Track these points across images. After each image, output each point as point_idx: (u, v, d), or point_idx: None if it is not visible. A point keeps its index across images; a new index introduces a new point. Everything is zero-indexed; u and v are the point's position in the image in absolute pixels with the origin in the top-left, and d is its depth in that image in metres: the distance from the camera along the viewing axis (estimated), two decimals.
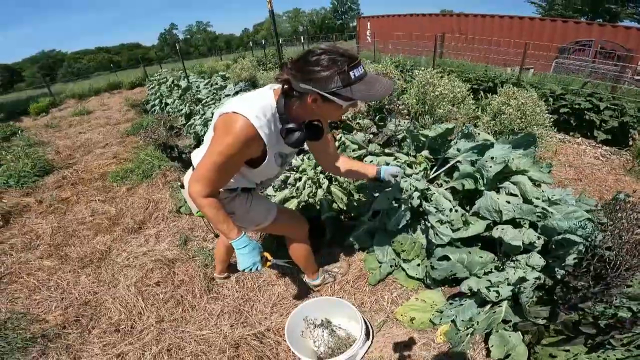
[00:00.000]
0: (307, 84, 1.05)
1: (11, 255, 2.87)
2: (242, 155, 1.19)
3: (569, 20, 9.95)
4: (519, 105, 2.76)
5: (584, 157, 3.78)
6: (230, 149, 1.13)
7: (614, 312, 1.38)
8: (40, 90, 15.90)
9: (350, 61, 1.03)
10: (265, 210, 1.61)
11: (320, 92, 1.05)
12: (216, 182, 1.22)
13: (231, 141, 1.12)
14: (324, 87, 1.04)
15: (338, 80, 1.02)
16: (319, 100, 1.08)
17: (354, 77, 1.03)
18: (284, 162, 1.42)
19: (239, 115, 1.11)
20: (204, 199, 1.22)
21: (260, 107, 1.15)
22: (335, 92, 1.04)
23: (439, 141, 2.32)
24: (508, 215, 1.88)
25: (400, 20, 13.90)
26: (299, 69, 1.06)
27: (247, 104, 1.14)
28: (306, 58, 1.05)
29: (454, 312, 1.72)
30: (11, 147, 6.11)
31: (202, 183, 1.20)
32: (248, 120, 1.10)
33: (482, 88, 5.63)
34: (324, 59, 1.02)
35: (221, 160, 1.15)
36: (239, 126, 1.10)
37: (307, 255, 1.93)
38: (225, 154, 1.14)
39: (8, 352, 1.90)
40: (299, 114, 1.20)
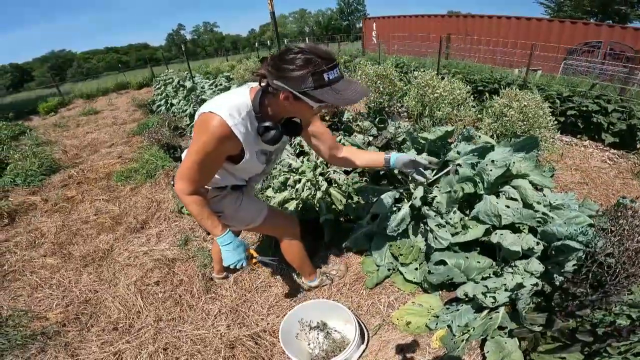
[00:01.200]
0: (280, 82, 1.05)
1: (15, 253, 2.92)
2: (219, 153, 1.21)
3: (577, 22, 9.80)
4: (522, 108, 2.73)
5: (590, 161, 3.72)
6: (206, 147, 1.15)
7: (613, 319, 1.35)
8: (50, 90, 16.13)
9: (326, 63, 1.02)
10: (256, 210, 1.62)
11: (292, 91, 1.05)
12: (198, 180, 1.25)
13: (207, 139, 1.14)
14: (296, 86, 1.04)
15: (311, 81, 1.02)
16: (291, 98, 1.08)
17: (327, 80, 1.03)
18: (269, 160, 1.43)
19: (214, 114, 1.13)
20: (188, 196, 1.26)
21: (235, 106, 1.16)
22: (306, 93, 1.04)
23: (438, 144, 2.30)
24: (507, 220, 1.86)
25: (406, 22, 13.83)
26: (274, 66, 1.06)
27: (222, 103, 1.16)
28: (283, 56, 1.04)
29: (450, 317, 1.71)
30: (19, 146, 6.21)
31: (185, 180, 1.24)
32: (222, 119, 1.12)
33: (487, 89, 5.57)
34: (300, 59, 1.01)
35: (199, 159, 1.18)
36: (213, 125, 1.12)
37: (300, 256, 1.93)
38: (202, 152, 1.16)
39: (7, 349, 1.92)
40: (274, 111, 1.21)
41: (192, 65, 10.94)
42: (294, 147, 3.10)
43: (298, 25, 64.76)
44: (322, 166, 2.64)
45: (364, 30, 16.03)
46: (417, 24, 13.25)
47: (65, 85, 19.67)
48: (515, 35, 10.11)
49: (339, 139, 2.80)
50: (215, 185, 1.48)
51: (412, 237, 2.12)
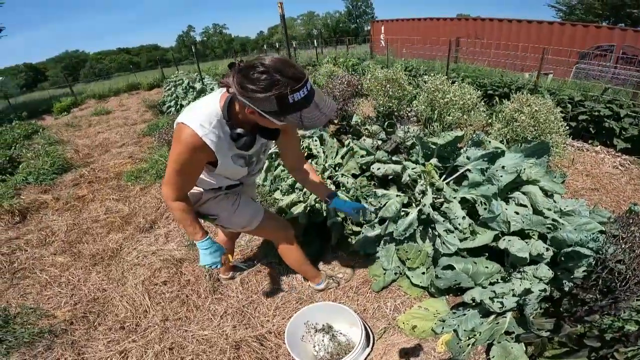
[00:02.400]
0: (244, 99, 1.02)
1: (26, 250, 2.96)
2: (194, 161, 1.24)
3: (589, 25, 9.68)
4: (533, 113, 2.70)
5: (602, 166, 3.66)
6: (180, 157, 1.20)
7: (621, 325, 1.34)
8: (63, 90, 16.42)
9: (292, 85, 0.97)
10: (251, 215, 1.64)
11: (256, 109, 1.03)
12: (181, 187, 1.31)
13: (180, 150, 1.18)
14: (260, 106, 1.01)
15: (274, 104, 0.99)
16: (257, 114, 1.06)
17: (291, 102, 0.99)
18: (249, 163, 1.44)
19: (185, 125, 1.14)
20: (173, 202, 1.33)
21: (205, 116, 1.16)
22: (270, 113, 1.02)
23: (448, 149, 2.30)
24: (516, 226, 1.85)
25: (415, 25, 13.78)
26: (239, 83, 1.01)
27: (192, 114, 1.16)
28: (247, 73, 0.99)
29: (456, 321, 1.70)
30: (32, 145, 6.33)
31: (169, 187, 1.30)
32: (192, 131, 1.13)
33: (497, 94, 5.53)
34: (264, 80, 0.97)
35: (177, 167, 1.23)
36: (184, 136, 1.15)
37: (298, 260, 1.93)
38: (178, 161, 1.21)
39: (14, 347, 1.95)
40: (245, 118, 1.18)
41: (201, 67, 11.06)
42: (302, 150, 3.11)
43: (306, 27, 64.96)
44: (331, 169, 2.65)
45: (372, 33, 16.02)
46: (426, 27, 13.21)
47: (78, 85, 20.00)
48: (526, 39, 10.02)
49: (347, 142, 2.81)
50: (209, 187, 1.50)
51: (420, 241, 2.11)
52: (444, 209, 2.02)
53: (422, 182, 2.12)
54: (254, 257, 2.54)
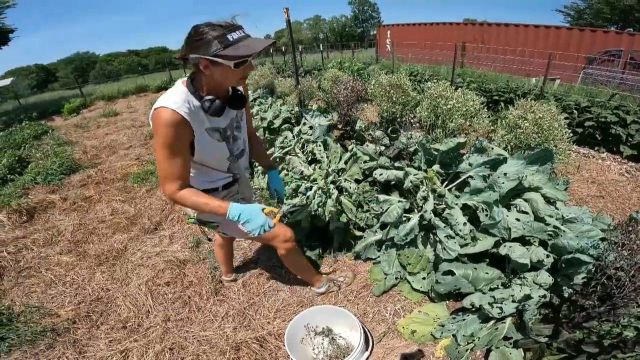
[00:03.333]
0: (195, 53, 1.19)
1: (32, 249, 3.02)
2: (180, 138, 1.27)
3: (597, 30, 9.60)
4: (536, 120, 2.69)
5: (607, 173, 3.63)
6: (164, 137, 1.24)
7: (620, 331, 1.35)
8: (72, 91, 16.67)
9: (227, 28, 1.17)
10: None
11: (206, 57, 1.18)
12: (177, 173, 1.32)
13: (161, 131, 1.23)
14: (207, 52, 1.17)
15: (217, 44, 1.15)
16: (209, 64, 1.20)
17: (232, 40, 1.16)
18: (226, 138, 1.47)
19: (158, 108, 1.23)
20: (179, 192, 1.33)
21: (174, 95, 1.27)
22: (217, 54, 1.16)
23: (450, 155, 2.31)
24: (517, 233, 1.85)
25: (421, 30, 13.77)
26: (187, 44, 1.20)
27: (162, 99, 1.26)
28: (189, 33, 1.20)
29: (455, 326, 1.70)
30: (41, 146, 6.43)
31: (167, 180, 1.32)
32: (166, 108, 1.22)
33: (503, 99, 5.51)
34: (205, 29, 1.17)
35: (165, 152, 1.26)
36: (162, 116, 1.22)
37: (299, 264, 1.94)
38: (164, 143, 1.25)
39: (16, 345, 1.98)
40: (208, 85, 1.30)
41: None
42: (306, 154, 3.13)
43: (312, 31, 65.19)
44: (334, 174, 2.66)
45: (378, 38, 16.03)
46: (432, 31, 13.19)
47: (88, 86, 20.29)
48: (534, 44, 9.97)
49: (350, 147, 2.83)
50: (206, 187, 1.52)
51: (421, 246, 2.12)
52: (446, 215, 2.03)
53: (424, 188, 2.13)
54: (256, 259, 2.56)
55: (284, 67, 11.33)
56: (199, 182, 1.50)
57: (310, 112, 4.00)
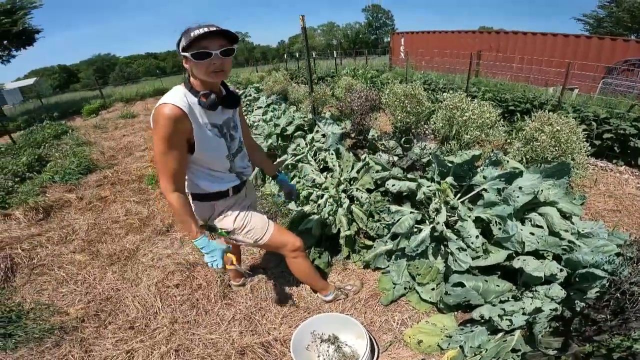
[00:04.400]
0: (179, 53, 1.35)
1: (46, 247, 3.09)
2: (177, 132, 1.33)
3: (617, 39, 9.38)
4: (554, 132, 2.63)
5: (625, 187, 3.53)
6: (163, 130, 1.29)
7: (630, 344, 1.32)
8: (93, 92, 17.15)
9: (196, 28, 1.29)
10: (262, 227, 1.68)
11: (182, 54, 1.32)
12: (173, 170, 1.36)
13: (161, 123, 1.29)
14: (181, 49, 1.32)
15: (184, 40, 1.30)
16: (188, 60, 1.32)
17: (193, 35, 1.26)
18: (223, 135, 1.51)
19: (159, 105, 1.31)
20: (172, 193, 1.38)
21: (171, 93, 1.37)
22: (183, 48, 1.30)
23: (464, 167, 2.28)
24: (531, 247, 1.83)
25: (436, 37, 13.69)
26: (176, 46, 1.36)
27: (163, 98, 1.35)
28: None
29: (463, 337, 1.67)
30: (61, 145, 6.62)
31: (164, 177, 1.37)
32: (166, 103, 1.30)
33: (519, 110, 5.42)
34: (184, 31, 1.32)
35: (163, 146, 1.31)
36: (161, 111, 1.29)
37: (307, 272, 1.94)
38: (162, 138, 1.30)
39: (23, 342, 2.01)
40: (195, 82, 1.40)
41: None
42: (318, 162, 3.14)
43: (326, 38, 65.54)
44: (346, 183, 2.66)
45: (392, 45, 16.01)
46: (446, 40, 13.11)
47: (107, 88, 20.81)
48: (551, 53, 9.81)
49: (363, 157, 2.83)
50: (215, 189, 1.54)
51: (432, 258, 2.10)
52: (458, 227, 2.01)
53: (436, 200, 2.11)
54: (265, 265, 2.57)
55: (298, 74, 11.42)
56: (209, 185, 1.52)
57: (324, 120, 4.01)
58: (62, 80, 55.33)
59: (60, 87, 48.57)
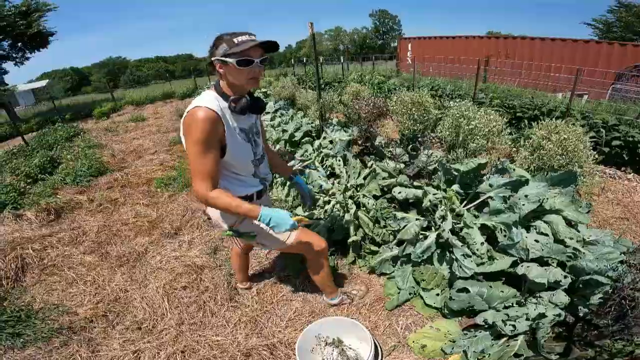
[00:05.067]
0: (212, 57, 1.38)
1: (57, 248, 3.15)
2: (213, 135, 1.36)
3: (627, 44, 9.29)
4: (561, 141, 2.63)
5: (633, 195, 3.50)
6: (199, 132, 1.33)
7: (633, 349, 1.33)
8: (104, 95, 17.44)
9: (236, 34, 1.35)
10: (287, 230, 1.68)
11: (218, 58, 1.36)
12: (210, 171, 1.39)
13: (197, 126, 1.32)
14: (220, 53, 1.36)
15: (225, 46, 1.34)
16: (222, 66, 1.38)
17: (237, 42, 1.33)
18: (249, 140, 1.56)
19: (194, 108, 1.35)
20: (211, 192, 1.40)
21: (203, 97, 1.41)
22: (226, 54, 1.34)
23: (470, 175, 2.30)
24: (535, 254, 1.84)
25: (443, 43, 13.68)
26: (209, 49, 1.40)
27: (195, 101, 1.39)
28: (213, 40, 1.39)
29: (466, 342, 1.68)
30: (72, 147, 6.74)
31: (200, 178, 1.38)
32: (201, 106, 1.34)
33: (527, 116, 5.39)
34: (219, 37, 1.37)
35: (199, 148, 1.34)
36: (197, 113, 1.33)
37: (325, 275, 1.97)
38: (198, 139, 1.33)
39: (31, 341, 2.05)
40: (227, 87, 1.44)
41: None
42: (325, 168, 3.17)
43: (333, 43, 65.72)
44: (352, 190, 2.68)
45: (399, 50, 16.05)
46: (454, 45, 13.10)
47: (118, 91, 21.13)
48: (560, 58, 9.75)
49: (370, 164, 2.85)
50: (241, 194, 1.56)
51: (437, 264, 2.12)
52: (463, 234, 2.02)
53: (442, 207, 2.13)
54: (272, 268, 2.60)
55: (305, 79, 11.50)
56: (236, 189, 1.55)
57: (331, 127, 4.05)
58: (73, 83, 56.14)
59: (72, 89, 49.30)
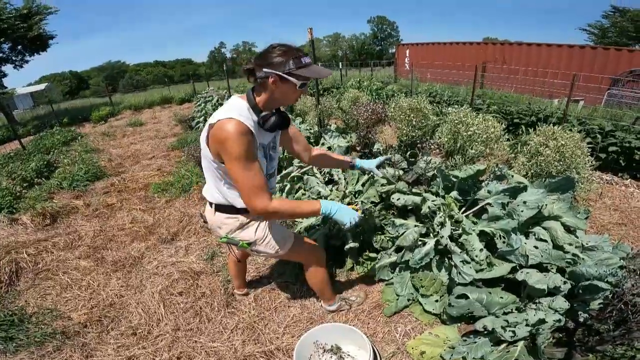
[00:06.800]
0: (268, 68, 1.28)
1: (52, 252, 3.11)
2: (250, 146, 1.31)
3: (622, 49, 9.36)
4: (558, 147, 2.64)
5: (630, 201, 3.51)
6: (239, 147, 1.27)
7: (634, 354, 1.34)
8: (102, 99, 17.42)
9: (300, 51, 1.31)
10: (283, 238, 1.68)
11: (279, 73, 1.27)
12: (261, 183, 1.35)
13: (235, 141, 1.26)
14: (281, 69, 1.27)
15: (292, 63, 1.27)
16: (278, 81, 1.30)
17: (304, 62, 1.29)
18: (265, 154, 1.53)
19: (226, 120, 1.28)
20: (271, 204, 1.36)
21: (236, 109, 1.34)
22: (290, 73, 1.28)
23: (469, 182, 2.30)
24: (534, 260, 1.84)
25: (441, 49, 13.77)
26: (261, 59, 1.31)
27: (223, 112, 1.32)
28: (267, 50, 1.31)
29: (465, 349, 1.67)
30: (69, 151, 6.72)
31: (254, 194, 1.33)
32: (235, 120, 1.27)
33: (524, 122, 5.41)
34: (281, 49, 1.29)
35: (244, 162, 1.29)
36: (230, 127, 1.26)
37: (323, 282, 1.96)
38: (240, 153, 1.28)
39: (24, 345, 2.02)
40: (264, 102, 1.38)
41: (230, 83, 11.46)
42: (324, 175, 3.16)
43: (332, 48, 66.15)
44: (351, 196, 2.68)
45: (397, 57, 16.13)
46: (451, 51, 13.19)
47: (116, 95, 21.11)
48: (556, 64, 9.81)
49: None
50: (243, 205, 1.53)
51: (436, 270, 2.11)
52: (462, 240, 2.02)
53: (441, 214, 2.13)
54: (269, 275, 2.58)
55: None
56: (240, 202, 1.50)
57: (329, 133, 4.05)
58: (72, 87, 56.08)
59: (71, 93, 49.26)
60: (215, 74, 46.68)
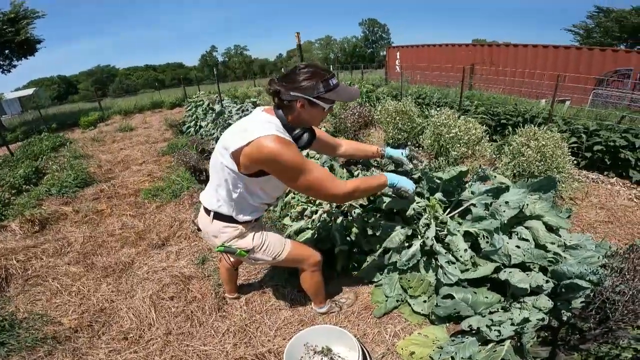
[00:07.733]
0: (296, 92, 1.28)
1: (41, 259, 3.10)
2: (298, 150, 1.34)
3: (606, 49, 9.56)
4: (539, 147, 2.70)
5: (616, 199, 3.60)
6: (290, 155, 1.27)
7: (619, 352, 1.38)
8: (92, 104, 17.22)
9: (328, 73, 1.31)
10: (279, 241, 1.71)
11: (308, 97, 1.28)
12: (327, 173, 1.39)
13: (284, 152, 1.26)
14: (310, 92, 1.28)
15: (322, 87, 1.28)
16: (306, 104, 1.31)
17: (332, 85, 1.30)
18: None
19: (265, 136, 1.27)
20: (348, 186, 1.42)
21: (270, 124, 1.33)
22: (319, 97, 1.29)
23: (453, 183, 2.34)
24: (517, 260, 1.88)
25: (430, 51, 13.92)
26: (288, 81, 1.30)
27: (261, 129, 1.29)
28: (294, 72, 1.31)
29: (454, 348, 1.70)
30: (58, 157, 6.64)
31: (329, 184, 1.37)
32: (274, 135, 1.27)
33: (510, 123, 5.50)
34: (307, 72, 1.29)
35: (302, 165, 1.31)
36: (273, 142, 1.26)
37: (318, 286, 1.98)
38: (295, 160, 1.29)
39: (15, 350, 2.02)
40: (292, 122, 1.39)
41: (221, 88, 11.40)
42: None
43: (323, 51, 66.36)
44: None
45: (388, 59, 16.22)
46: (441, 53, 13.34)
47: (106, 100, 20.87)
48: (543, 65, 10.00)
49: (356, 173, 2.89)
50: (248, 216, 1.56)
51: (423, 271, 2.14)
52: (447, 241, 2.05)
53: (426, 215, 2.16)
54: (260, 278, 2.59)
55: None
56: (242, 213, 1.53)
57: None
58: (61, 91, 55.44)
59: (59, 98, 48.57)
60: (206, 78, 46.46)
